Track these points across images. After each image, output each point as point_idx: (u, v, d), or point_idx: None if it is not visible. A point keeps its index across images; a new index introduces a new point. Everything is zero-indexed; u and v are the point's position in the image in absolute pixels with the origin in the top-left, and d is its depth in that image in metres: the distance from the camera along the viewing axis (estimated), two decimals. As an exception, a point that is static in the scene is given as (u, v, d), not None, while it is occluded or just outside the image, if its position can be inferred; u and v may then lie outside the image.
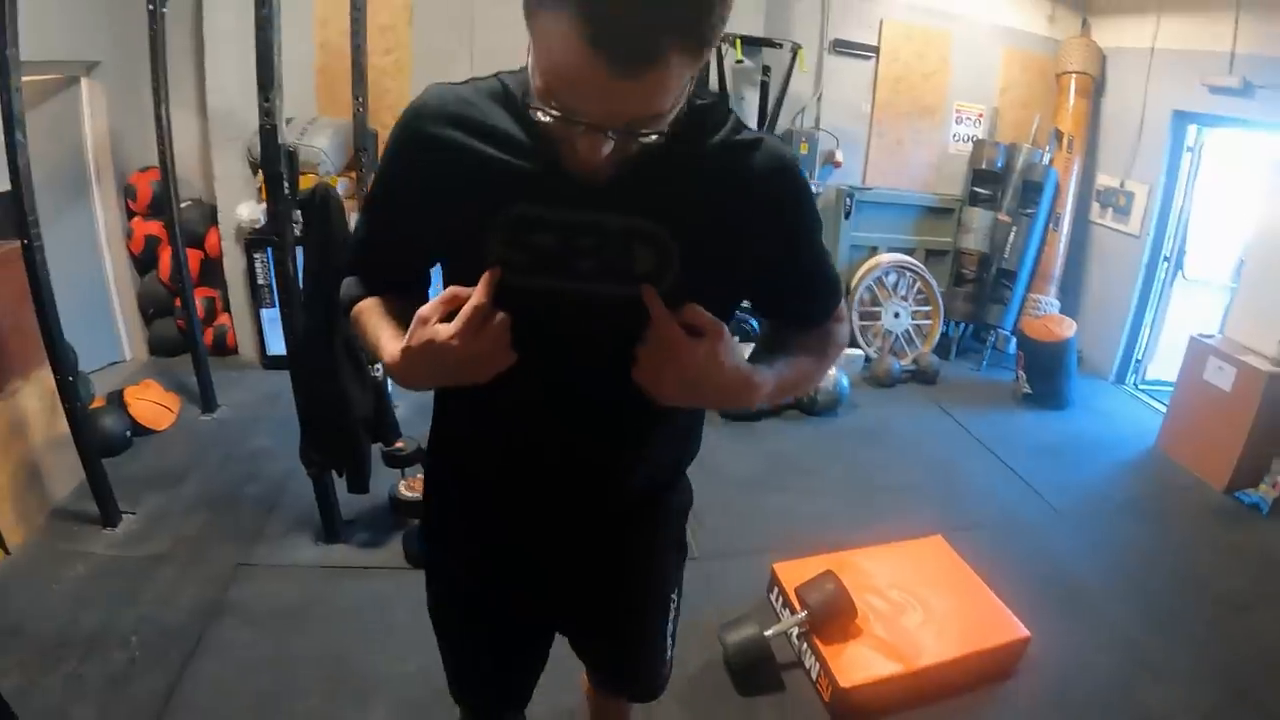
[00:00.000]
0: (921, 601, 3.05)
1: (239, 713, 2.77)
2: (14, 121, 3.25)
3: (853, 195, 5.94)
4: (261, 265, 5.37)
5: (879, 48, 5.95)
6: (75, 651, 3.03)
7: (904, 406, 5.30)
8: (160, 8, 4.38)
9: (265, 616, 3.21)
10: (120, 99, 5.42)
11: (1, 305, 3.72)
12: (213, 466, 4.38)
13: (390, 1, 5.17)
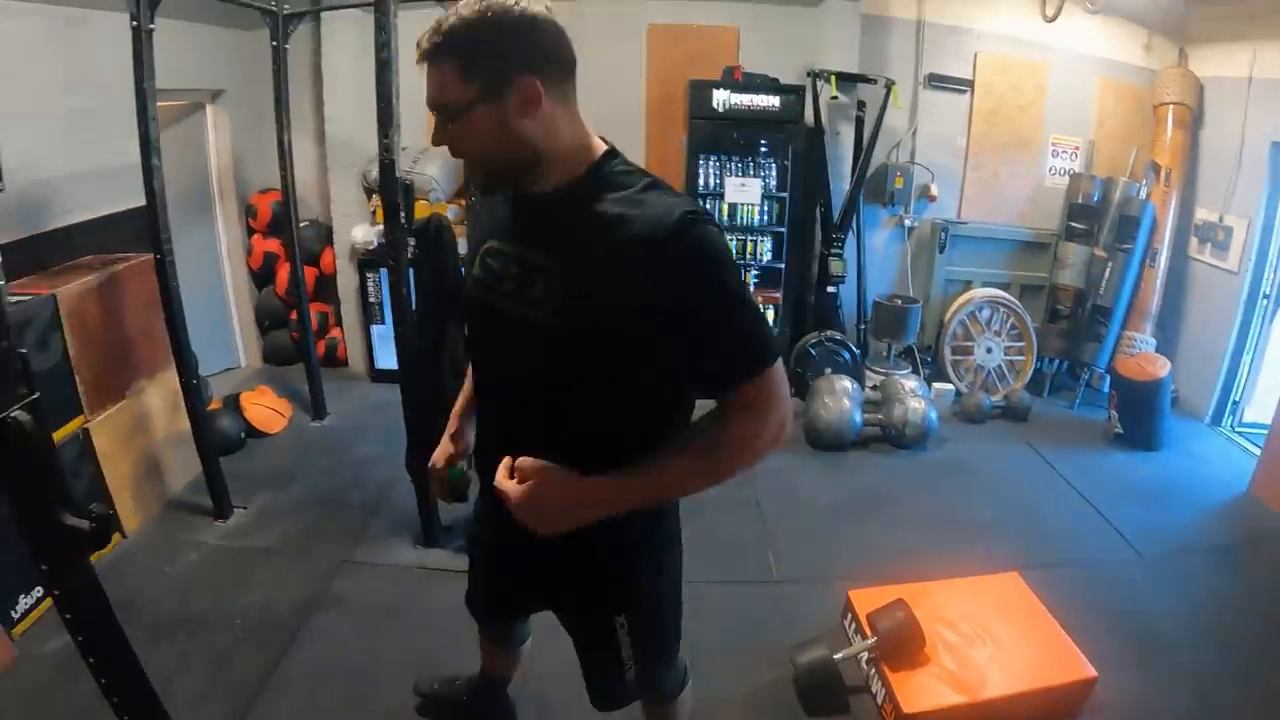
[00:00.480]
0: (991, 635, 3.05)
1: (332, 695, 2.96)
2: (150, 147, 3.57)
3: (947, 229, 5.96)
4: (373, 284, 5.65)
5: (974, 81, 5.96)
6: (184, 629, 3.28)
7: (992, 443, 5.27)
8: (283, 44, 4.69)
9: (363, 611, 3.41)
10: (242, 125, 5.79)
11: (133, 312, 4.05)
12: (320, 470, 4.64)
13: (499, 39, 5.38)
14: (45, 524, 1.32)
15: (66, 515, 1.33)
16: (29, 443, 1.25)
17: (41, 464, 1.29)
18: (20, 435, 1.24)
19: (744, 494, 4.22)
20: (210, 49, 5.40)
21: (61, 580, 1.40)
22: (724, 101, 5.07)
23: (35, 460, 1.27)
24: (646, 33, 5.46)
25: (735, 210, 5.21)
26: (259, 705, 2.91)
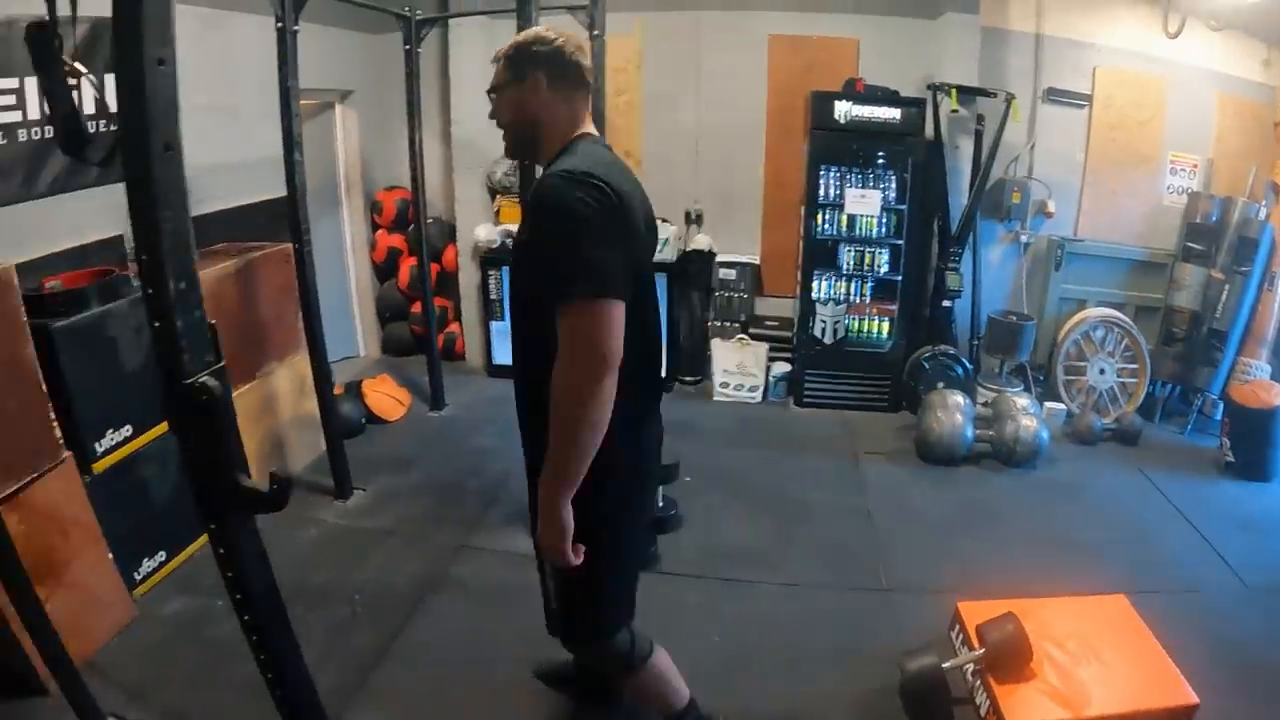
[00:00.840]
0: (1096, 655, 3.00)
1: (444, 670, 3.08)
2: (293, 142, 3.75)
3: (1063, 246, 5.86)
4: (494, 281, 5.79)
5: (1092, 95, 5.84)
6: (303, 601, 3.37)
7: (1102, 465, 5.13)
8: (415, 47, 4.86)
9: (479, 593, 3.52)
10: (369, 124, 6.03)
11: (267, 298, 4.26)
12: (438, 458, 4.79)
13: (623, 46, 5.48)
14: (223, 484, 1.41)
15: (244, 477, 1.43)
16: (215, 407, 1.34)
17: (225, 428, 1.38)
18: (209, 399, 1.33)
19: (855, 503, 4.25)
20: (342, 51, 5.66)
21: (228, 539, 1.49)
22: (845, 113, 5.07)
23: (219, 424, 1.37)
24: (767, 43, 5.51)
25: (854, 221, 5.21)
26: (375, 676, 3.04)
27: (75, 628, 2.93)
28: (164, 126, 1.25)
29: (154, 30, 1.20)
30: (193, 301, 1.34)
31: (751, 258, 5.81)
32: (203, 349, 1.37)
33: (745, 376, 5.47)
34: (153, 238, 1.28)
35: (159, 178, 1.25)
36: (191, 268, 1.34)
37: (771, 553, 3.78)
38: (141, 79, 1.20)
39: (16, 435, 2.91)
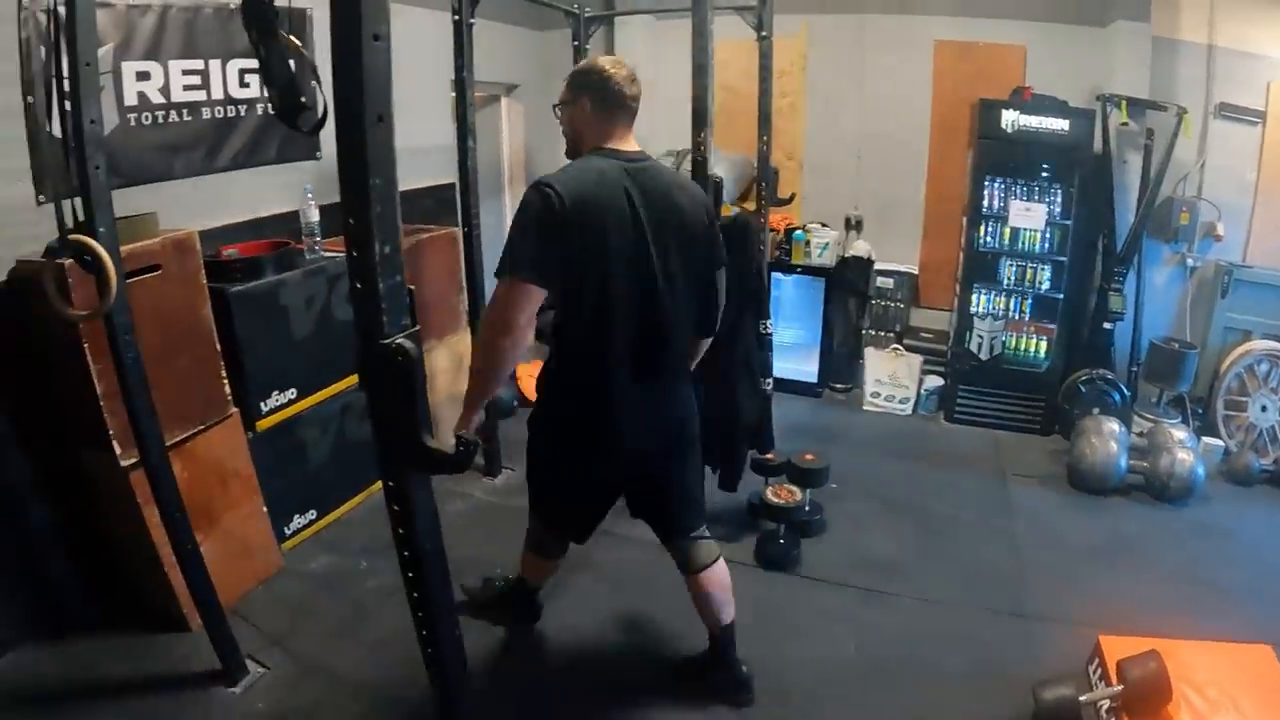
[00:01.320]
0: (1235, 705, 2.79)
1: (573, 643, 3.21)
2: (468, 130, 3.93)
3: (1231, 273, 5.53)
4: None
5: (1266, 112, 5.45)
6: None
7: (1259, 508, 4.79)
8: (584, 44, 4.96)
9: (616, 579, 3.60)
10: (535, 118, 6.17)
11: (431, 278, 4.43)
12: None
13: (788, 48, 5.46)
14: (409, 443, 1.47)
15: (429, 438, 1.47)
16: (410, 368, 1.40)
17: (417, 389, 1.44)
18: (404, 360, 1.39)
19: (1000, 524, 4.13)
20: (510, 46, 5.85)
21: (405, 497, 1.54)
22: (1012, 122, 4.92)
23: (412, 384, 1.43)
24: (932, 49, 5.40)
25: (1017, 235, 5.05)
26: (513, 649, 3.19)
27: (225, 572, 3.16)
28: (378, 98, 1.33)
29: (371, 7, 1.29)
30: (395, 266, 1.41)
31: (910, 267, 5.71)
32: (400, 312, 1.43)
33: (897, 388, 5.39)
34: (362, 203, 1.36)
35: (371, 146, 1.33)
36: (396, 234, 1.41)
37: (912, 566, 3.71)
38: (359, 53, 1.29)
39: (189, 389, 3.18)
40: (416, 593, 1.67)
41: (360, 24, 1.27)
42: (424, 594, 1.67)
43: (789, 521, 3.68)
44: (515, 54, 5.96)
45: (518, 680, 3.02)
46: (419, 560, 1.62)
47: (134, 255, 2.91)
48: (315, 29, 4.17)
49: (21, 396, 3.06)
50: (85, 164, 2.35)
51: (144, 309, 2.86)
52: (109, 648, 3.12)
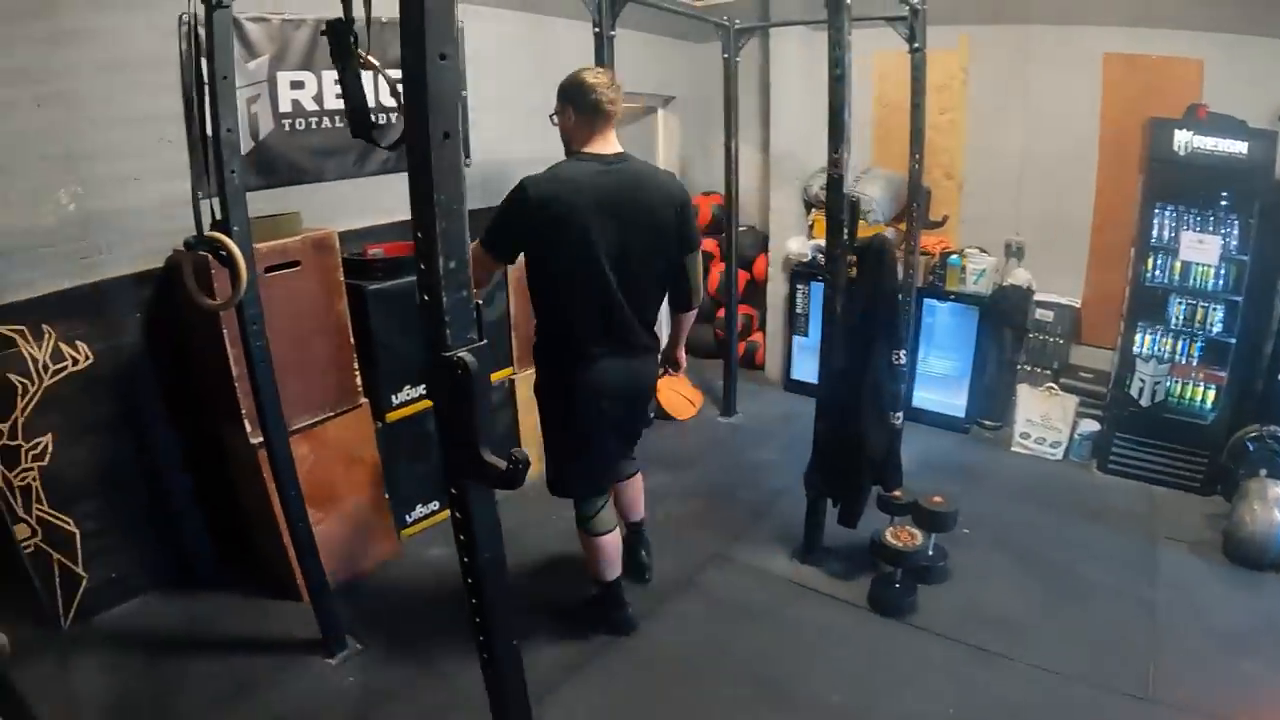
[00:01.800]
0: None
1: (665, 672, 3.11)
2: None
3: None
4: (802, 296, 5.77)
5: None
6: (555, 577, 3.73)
7: None
8: (734, 56, 4.95)
9: (721, 605, 3.50)
10: (691, 130, 6.20)
11: None
12: (717, 463, 4.85)
13: (946, 61, 5.21)
14: (466, 455, 1.49)
15: (487, 451, 1.48)
16: (469, 381, 1.42)
17: (477, 402, 1.46)
18: (463, 374, 1.42)
19: (1141, 592, 3.64)
20: (665, 58, 5.88)
21: (464, 505, 1.56)
22: (1185, 144, 4.39)
23: (472, 397, 1.45)
24: (1101, 62, 4.95)
25: (1189, 270, 4.51)
26: (595, 662, 3.15)
27: (342, 552, 3.54)
28: (444, 115, 1.34)
29: (436, 28, 1.29)
30: (462, 280, 1.43)
31: (1072, 300, 5.25)
32: (465, 326, 1.45)
33: (1049, 429, 4.98)
34: (428, 217, 1.38)
35: (437, 162, 1.34)
36: (463, 249, 1.42)
37: (1033, 628, 3.36)
38: (424, 72, 1.30)
39: (321, 377, 3.44)
40: (474, 599, 1.69)
41: (425, 43, 1.29)
42: (481, 602, 1.68)
43: (907, 566, 3.48)
44: (672, 66, 5.98)
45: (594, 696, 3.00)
46: (476, 568, 1.63)
47: (274, 251, 3.19)
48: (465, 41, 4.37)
49: (174, 371, 3.50)
50: (222, 168, 2.55)
51: (282, 301, 3.16)
52: (227, 605, 3.49)
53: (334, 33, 2.04)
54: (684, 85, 6.11)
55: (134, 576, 3.51)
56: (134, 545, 3.50)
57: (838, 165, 3.12)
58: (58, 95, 3.08)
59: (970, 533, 3.93)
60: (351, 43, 2.05)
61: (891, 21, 4.18)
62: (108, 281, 3.30)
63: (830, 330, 3.41)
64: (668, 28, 5.55)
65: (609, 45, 3.87)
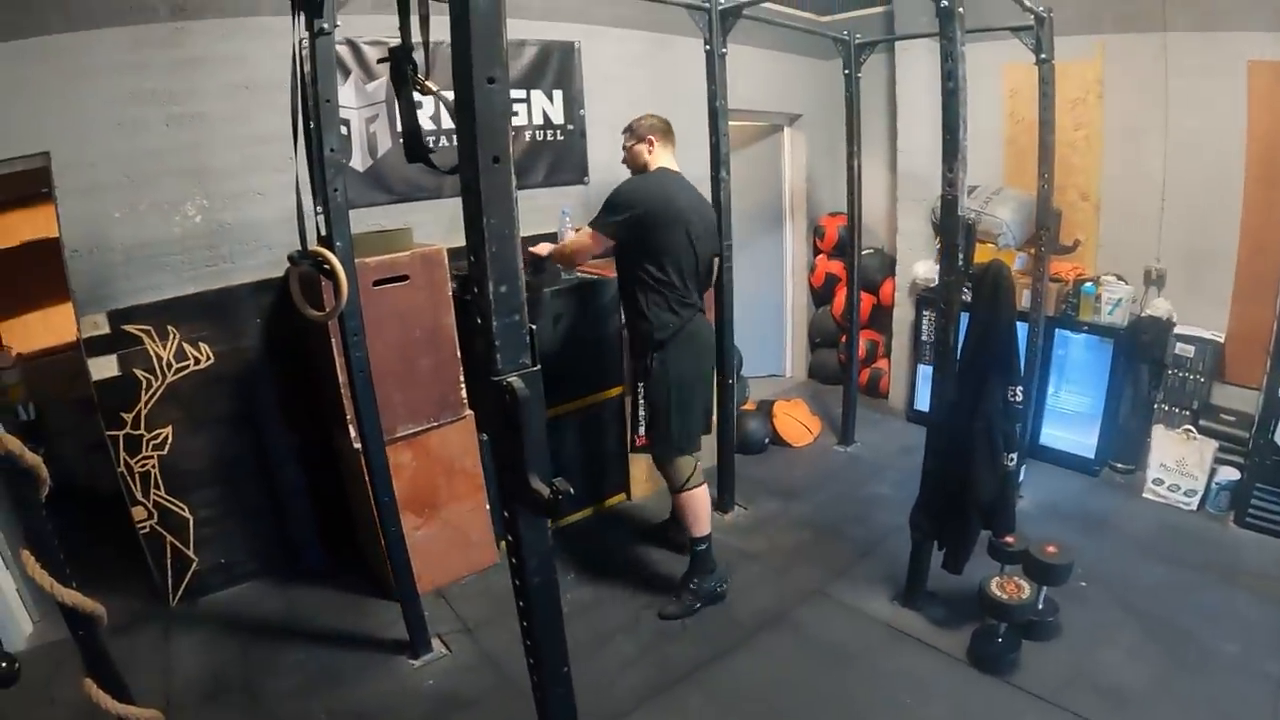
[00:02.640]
0: None
1: (750, 705, 3.04)
2: (720, 160, 3.95)
3: None
4: (929, 322, 5.60)
5: None
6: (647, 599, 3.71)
7: None
8: (855, 72, 4.84)
9: (814, 645, 3.38)
10: (817, 148, 6.12)
11: None
12: (829, 494, 4.73)
13: (1081, 74, 4.89)
14: (514, 479, 1.50)
15: (535, 479, 1.48)
16: (518, 407, 1.43)
17: (527, 428, 1.45)
18: (511, 399, 1.43)
19: (1269, 668, 3.23)
20: (789, 76, 5.83)
21: (516, 530, 1.58)
22: None
23: (520, 422, 1.44)
24: (1247, 71, 4.44)
25: None
26: (673, 691, 3.11)
27: (440, 557, 3.70)
28: (493, 140, 1.34)
29: (484, 51, 1.30)
30: (513, 305, 1.43)
31: (1215, 334, 4.77)
32: (517, 350, 1.46)
33: (1184, 476, 4.59)
34: (478, 241, 1.38)
35: (486, 187, 1.35)
36: (515, 273, 1.42)
37: (1145, 700, 3.04)
38: (471, 96, 1.30)
39: (427, 388, 3.56)
40: (525, 622, 1.71)
41: (472, 68, 1.29)
42: (531, 625, 1.71)
43: (1012, 621, 3.23)
44: (797, 84, 5.91)
45: None
46: (527, 593, 1.65)
47: (384, 265, 3.32)
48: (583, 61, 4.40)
49: (290, 374, 3.77)
50: (326, 186, 2.68)
51: (391, 314, 3.34)
52: (327, 598, 3.72)
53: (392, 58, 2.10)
54: (810, 103, 6.01)
55: (242, 563, 3.82)
56: (244, 534, 3.80)
57: (952, 186, 2.97)
58: (187, 116, 3.38)
59: (1087, 586, 3.68)
60: (410, 69, 2.11)
61: (1017, 32, 3.98)
62: (230, 289, 3.59)
63: (944, 362, 3.27)
64: (789, 44, 5.48)
65: (721, 63, 3.81)
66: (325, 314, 2.68)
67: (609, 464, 4.44)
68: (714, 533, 3.87)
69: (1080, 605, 3.56)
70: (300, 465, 3.91)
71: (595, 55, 4.47)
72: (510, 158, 1.36)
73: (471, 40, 1.27)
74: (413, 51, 2.12)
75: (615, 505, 4.53)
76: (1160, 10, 4.65)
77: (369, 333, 2.92)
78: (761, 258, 6.32)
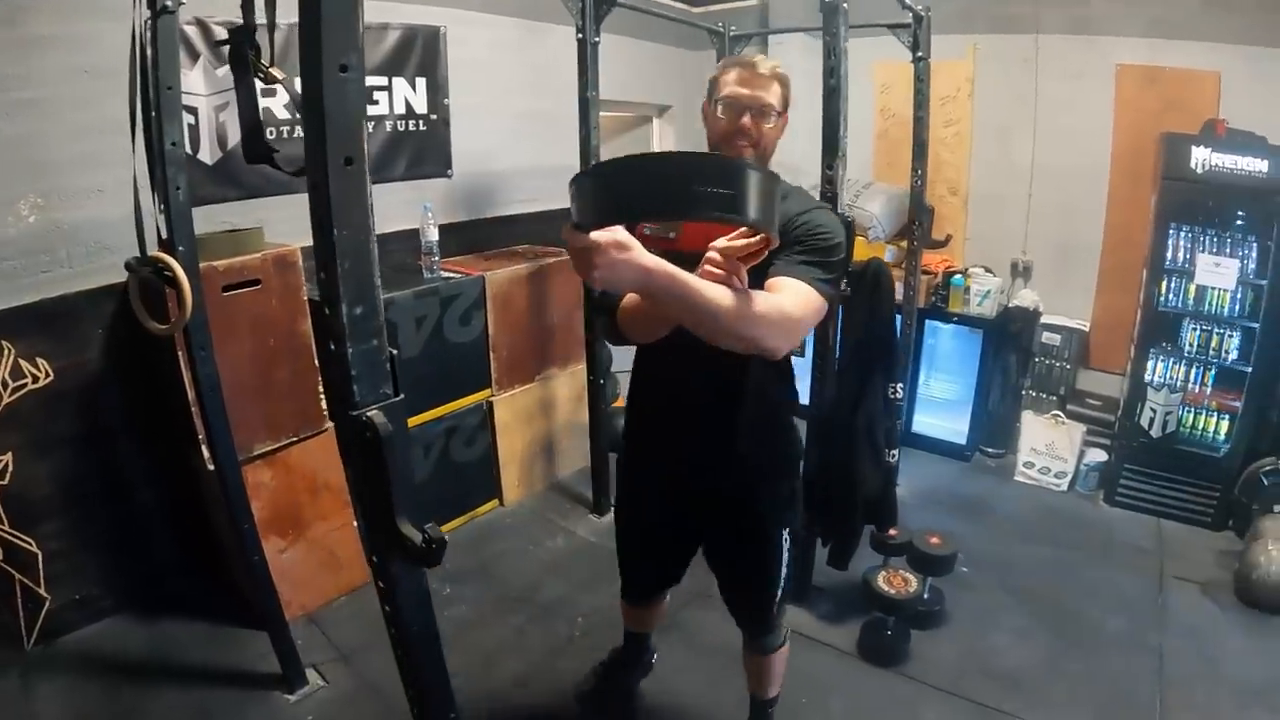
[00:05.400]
0: None
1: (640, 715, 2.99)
2: (590, 154, 3.78)
3: None
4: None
5: None
6: (527, 610, 3.49)
7: None
8: None
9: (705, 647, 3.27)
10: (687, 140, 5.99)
11: (558, 304, 4.38)
12: None
13: (953, 73, 5.00)
14: (381, 525, 1.32)
15: (404, 523, 1.31)
16: (379, 445, 1.24)
17: (391, 467, 1.27)
18: (372, 436, 1.24)
19: (1150, 639, 3.40)
20: (659, 66, 5.70)
21: (388, 577, 1.40)
22: (1203, 161, 4.16)
23: (384, 462, 1.25)
24: (1115, 75, 4.72)
25: (1204, 294, 4.30)
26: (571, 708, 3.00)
27: (309, 580, 3.47)
28: (345, 138, 1.14)
29: (336, 34, 1.09)
30: (371, 329, 1.24)
31: (1080, 323, 5.03)
32: (376, 380, 1.26)
33: (1054, 459, 4.75)
34: (328, 256, 1.19)
35: (336, 193, 1.15)
36: (371, 292, 1.23)
37: (1037, 681, 3.12)
38: (321, 87, 1.10)
39: (285, 401, 3.32)
40: (406, 672, 1.55)
41: (321, 52, 1.08)
42: (412, 675, 1.54)
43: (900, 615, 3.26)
44: (666, 74, 5.80)
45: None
46: (406, 641, 1.48)
47: (234, 269, 3.05)
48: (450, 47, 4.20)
49: (141, 388, 3.40)
50: (167, 184, 2.39)
51: (242, 321, 3.08)
52: (195, 630, 3.39)
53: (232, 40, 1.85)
54: (680, 94, 5.91)
55: (101, 598, 3.44)
56: (101, 566, 3.43)
57: (832, 183, 2.92)
58: (22, 103, 3.00)
59: (969, 571, 3.73)
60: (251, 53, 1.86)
61: (894, 29, 3.99)
62: (69, 297, 3.20)
63: (822, 360, 3.24)
64: (660, 33, 5.36)
65: (593, 52, 3.66)
66: (168, 327, 2.45)
67: (478, 471, 4.24)
68: (588, 536, 3.83)
69: (965, 591, 3.61)
70: (158, 486, 3.56)
71: (463, 41, 4.25)
72: (365, 158, 1.17)
73: (321, 20, 1.07)
74: (255, 32, 1.88)
75: (488, 513, 4.32)
76: (1034, 13, 4.80)
77: (219, 343, 2.65)
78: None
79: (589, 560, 3.84)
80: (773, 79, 2.01)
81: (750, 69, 2.02)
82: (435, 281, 3.84)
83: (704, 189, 1.28)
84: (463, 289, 3.89)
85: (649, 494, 2.41)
